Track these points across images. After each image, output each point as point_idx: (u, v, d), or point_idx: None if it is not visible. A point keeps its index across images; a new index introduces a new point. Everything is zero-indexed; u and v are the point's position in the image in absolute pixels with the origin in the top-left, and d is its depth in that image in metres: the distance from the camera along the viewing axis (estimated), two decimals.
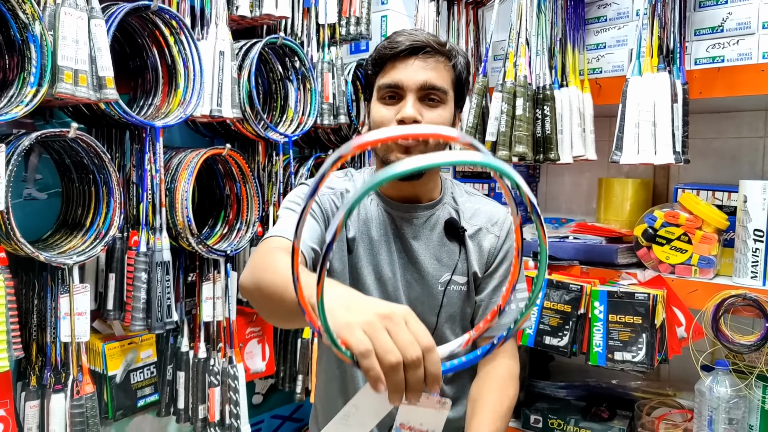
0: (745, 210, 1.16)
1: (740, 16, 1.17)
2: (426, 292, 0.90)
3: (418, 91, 0.83)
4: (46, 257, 1.02)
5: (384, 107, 0.84)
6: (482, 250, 0.92)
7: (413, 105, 0.82)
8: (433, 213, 0.92)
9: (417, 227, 0.90)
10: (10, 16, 0.99)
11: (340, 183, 0.92)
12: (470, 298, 0.94)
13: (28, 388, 1.10)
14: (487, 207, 0.96)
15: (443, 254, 0.91)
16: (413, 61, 0.83)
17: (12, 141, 1.03)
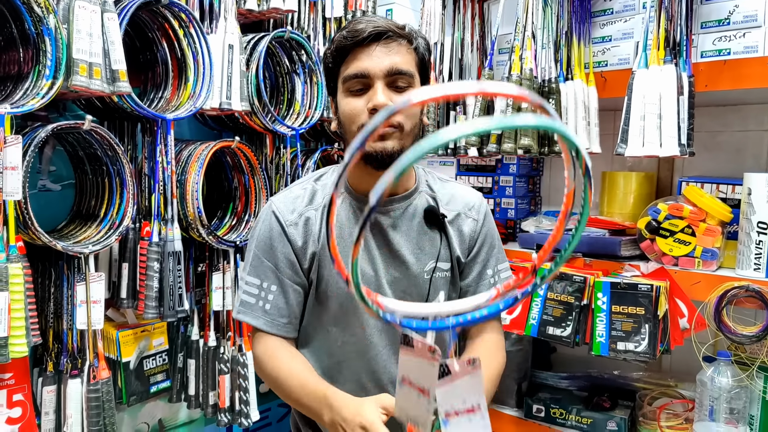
0: (749, 202, 1.17)
1: (747, 8, 1.17)
2: (412, 283, 0.90)
3: (385, 78, 0.80)
4: (63, 246, 1.04)
5: (353, 99, 0.82)
6: (463, 234, 0.93)
7: (384, 91, 0.80)
8: (410, 203, 0.90)
9: (396, 219, 0.89)
10: (24, 9, 1.01)
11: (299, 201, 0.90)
12: (455, 283, 0.94)
13: (45, 373, 1.13)
14: (461, 192, 0.96)
15: (425, 243, 0.90)
16: (375, 47, 0.80)
17: (28, 133, 1.05)
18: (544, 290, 1.32)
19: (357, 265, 0.47)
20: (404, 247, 0.89)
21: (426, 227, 0.90)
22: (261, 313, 0.88)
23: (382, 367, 0.91)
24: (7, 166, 0.95)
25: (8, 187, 0.95)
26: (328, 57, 0.86)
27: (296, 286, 0.89)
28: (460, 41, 1.41)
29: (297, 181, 0.96)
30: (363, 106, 0.81)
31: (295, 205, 0.89)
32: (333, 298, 0.89)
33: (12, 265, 0.96)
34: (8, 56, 1.09)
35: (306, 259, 0.88)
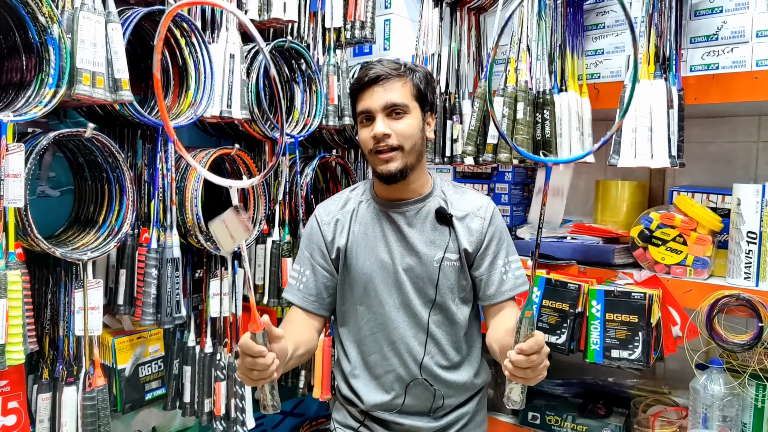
0: (738, 212, 1.20)
1: (735, 24, 1.21)
2: (424, 271, 1.07)
3: (383, 111, 1.02)
4: (62, 253, 1.05)
5: (364, 129, 1.06)
6: (471, 230, 1.09)
7: (382, 122, 1.02)
8: (424, 205, 1.10)
9: (410, 218, 1.09)
10: (29, 18, 1.02)
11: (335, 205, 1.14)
12: (464, 271, 1.09)
13: (40, 380, 1.13)
14: (472, 197, 1.14)
15: (436, 237, 1.08)
16: (375, 88, 1.03)
17: (29, 140, 1.06)
18: (540, 298, 1.33)
19: None
20: (417, 241, 1.08)
21: (438, 225, 1.08)
22: (296, 291, 1.12)
23: (399, 338, 1.08)
24: (8, 174, 0.96)
25: (10, 195, 0.96)
26: (350, 95, 1.11)
27: (324, 272, 1.11)
28: (457, 52, 1.44)
29: (338, 192, 1.21)
30: (369, 135, 1.04)
31: (330, 209, 1.14)
32: (359, 283, 1.09)
33: (11, 272, 0.97)
34: (11, 64, 1.09)
35: (333, 250, 1.11)
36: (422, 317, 1.07)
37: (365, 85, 1.03)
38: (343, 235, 1.10)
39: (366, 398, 1.10)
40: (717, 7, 1.23)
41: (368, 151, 1.05)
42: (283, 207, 1.44)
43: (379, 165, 1.03)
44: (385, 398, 1.10)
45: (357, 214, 1.11)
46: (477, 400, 1.17)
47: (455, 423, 1.13)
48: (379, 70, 1.03)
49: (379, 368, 1.10)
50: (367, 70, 1.04)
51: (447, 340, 1.09)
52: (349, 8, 1.51)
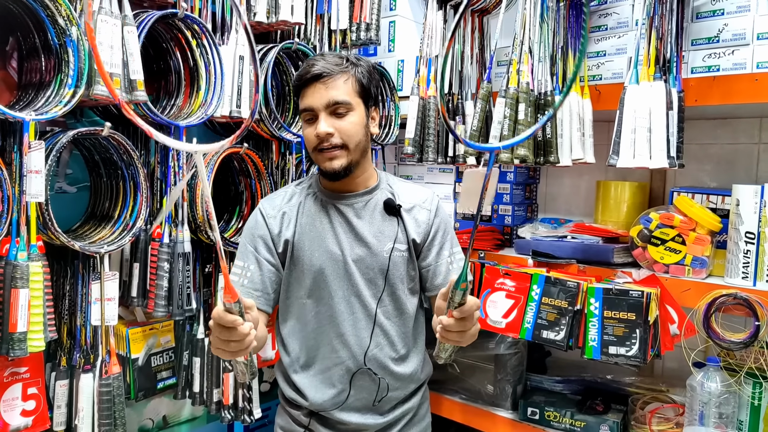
0: (737, 213, 1.22)
1: (736, 27, 1.22)
2: (374, 261, 1.10)
3: (326, 109, 1.02)
4: (80, 246, 1.10)
5: (307, 127, 1.06)
6: (419, 221, 1.13)
7: (325, 120, 1.03)
8: (371, 197, 1.12)
9: (358, 210, 1.11)
10: (48, 21, 1.07)
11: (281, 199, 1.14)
12: (413, 261, 1.13)
13: (58, 368, 1.18)
14: (417, 189, 1.17)
15: (385, 228, 1.11)
16: (317, 85, 1.02)
17: (49, 138, 1.11)
18: (539, 295, 1.36)
19: None
20: (367, 232, 1.10)
21: (386, 216, 1.11)
22: (240, 287, 1.09)
23: (348, 330, 1.10)
24: (31, 170, 1.01)
25: (32, 190, 1.01)
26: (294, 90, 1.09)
27: (270, 266, 1.10)
28: (461, 54, 1.47)
29: (283, 187, 1.21)
30: (313, 133, 1.04)
31: (276, 203, 1.13)
32: (307, 275, 1.09)
33: (33, 264, 1.02)
34: (30, 65, 1.15)
35: (280, 243, 1.10)
36: (371, 308, 1.09)
37: (307, 81, 1.02)
38: (290, 228, 1.10)
39: (312, 396, 1.10)
40: (719, 9, 1.25)
41: (311, 149, 1.06)
42: None
43: (323, 162, 1.05)
44: (330, 393, 1.10)
45: (304, 207, 1.12)
46: (420, 394, 1.20)
47: (401, 419, 1.16)
48: (321, 67, 1.02)
49: (327, 361, 1.10)
50: (309, 67, 1.03)
51: (396, 332, 1.12)
52: (354, 10, 1.54)
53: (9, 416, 1.09)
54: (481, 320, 1.45)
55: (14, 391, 1.10)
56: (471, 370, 1.59)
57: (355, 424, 1.11)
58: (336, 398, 1.10)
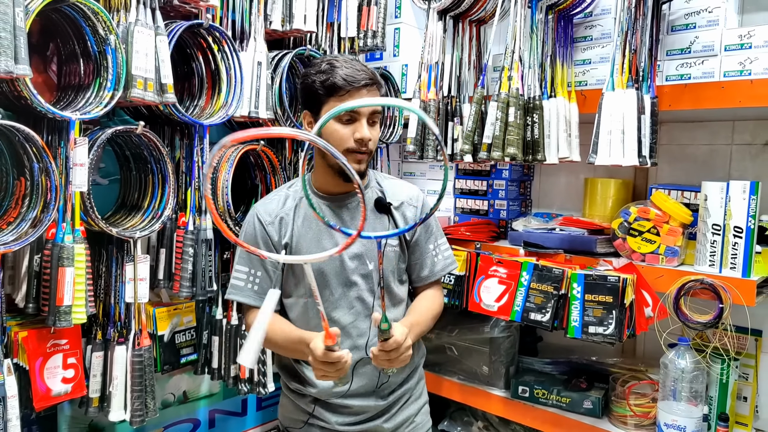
0: (705, 207, 1.35)
1: (705, 39, 1.36)
2: (368, 257, 1.17)
3: (368, 116, 1.10)
4: (117, 232, 1.23)
5: (342, 127, 1.10)
6: (407, 218, 1.20)
7: (366, 126, 1.10)
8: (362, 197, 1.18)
9: (352, 210, 1.17)
10: (89, 30, 1.20)
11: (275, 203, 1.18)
12: (403, 254, 1.22)
13: (94, 341, 1.31)
14: (404, 187, 1.25)
15: (377, 225, 1.17)
16: (364, 91, 1.09)
17: (89, 134, 1.24)
18: (528, 281, 1.49)
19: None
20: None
21: (377, 214, 1.18)
22: (251, 293, 1.16)
23: (348, 323, 1.17)
24: (76, 163, 1.14)
25: (77, 181, 1.14)
26: (318, 85, 1.10)
27: (276, 270, 1.17)
28: (459, 60, 1.60)
29: (274, 190, 1.25)
30: (350, 134, 1.10)
31: (271, 208, 1.18)
32: (323, 267, 1.15)
33: (77, 246, 1.15)
34: (69, 68, 1.27)
35: (281, 248, 1.16)
36: (369, 301, 1.16)
37: (356, 87, 1.08)
38: (287, 232, 1.15)
39: (320, 384, 1.16)
40: (691, 23, 1.38)
41: (343, 149, 1.09)
42: None
43: (353, 163, 1.10)
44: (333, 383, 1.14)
45: (299, 210, 1.16)
46: (417, 375, 1.29)
47: (400, 399, 1.24)
48: (367, 76, 1.09)
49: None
50: (356, 73, 1.09)
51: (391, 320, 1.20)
52: (362, 19, 1.67)
53: (51, 382, 1.22)
54: (476, 304, 1.58)
55: (56, 361, 1.23)
56: (468, 352, 1.72)
57: (358, 406, 1.18)
58: (340, 387, 1.13)
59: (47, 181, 1.12)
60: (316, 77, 1.11)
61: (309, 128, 1.16)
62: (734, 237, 1.30)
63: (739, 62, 1.31)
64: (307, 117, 1.16)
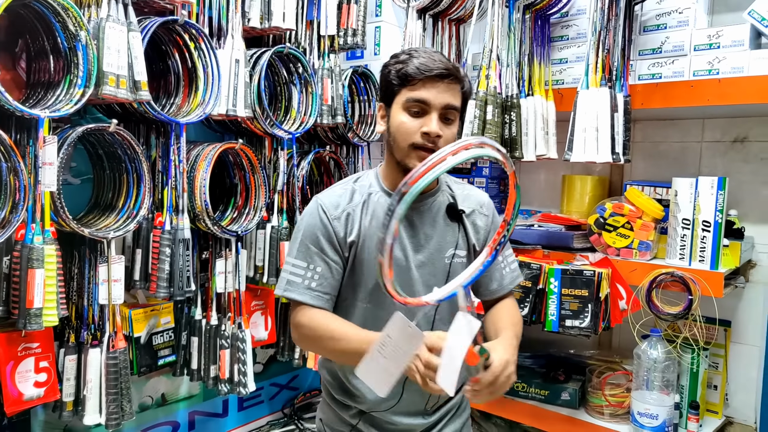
0: (676, 202, 1.39)
1: (676, 40, 1.40)
2: (435, 267, 1.06)
3: (440, 110, 0.98)
4: (89, 232, 1.20)
5: (410, 118, 0.99)
6: (477, 227, 1.11)
7: (436, 121, 0.98)
8: (435, 200, 1.08)
9: (423, 213, 1.06)
10: (59, 27, 1.17)
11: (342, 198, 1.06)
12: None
13: (67, 344, 1.28)
14: (473, 192, 1.16)
15: (447, 234, 1.07)
16: (440, 83, 0.97)
17: (59, 133, 1.21)
18: None
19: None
20: (430, 237, 1.06)
21: (448, 221, 1.08)
22: (306, 290, 1.03)
23: None
24: (45, 162, 1.11)
25: (46, 180, 1.11)
26: (393, 74, 1.01)
27: (338, 268, 1.05)
28: None
29: (338, 183, 1.13)
30: (417, 128, 0.98)
31: (338, 202, 1.05)
32: (370, 279, 1.05)
33: (47, 247, 1.12)
34: (38, 65, 1.24)
35: (346, 246, 1.04)
36: (430, 314, 1.06)
37: (431, 76, 0.97)
38: (354, 230, 1.04)
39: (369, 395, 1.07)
40: (662, 24, 1.42)
41: (408, 143, 0.99)
42: (281, 196, 1.60)
43: (413, 160, 0.98)
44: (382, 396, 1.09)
45: (367, 207, 1.05)
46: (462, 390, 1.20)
47: (445, 416, 1.15)
48: (447, 67, 0.98)
49: None
50: (435, 62, 0.98)
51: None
52: (342, 17, 1.67)
53: (23, 387, 1.19)
54: None
55: (27, 365, 1.20)
56: None
57: (404, 425, 1.10)
58: (389, 401, 1.07)
59: (15, 180, 1.09)
60: (392, 67, 1.01)
61: (382, 122, 1.06)
62: (703, 231, 1.35)
63: (707, 62, 1.36)
64: (381, 110, 1.06)
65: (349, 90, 1.74)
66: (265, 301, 1.66)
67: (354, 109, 1.80)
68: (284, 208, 1.60)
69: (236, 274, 1.51)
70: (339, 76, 1.65)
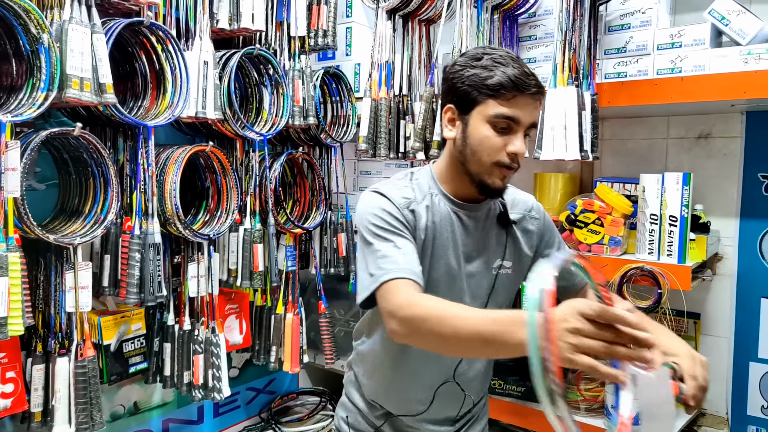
0: (644, 198, 1.42)
1: (639, 39, 1.43)
2: (482, 277, 1.01)
3: (527, 128, 0.93)
4: (54, 239, 1.18)
5: (495, 135, 0.91)
6: (529, 233, 1.06)
7: (522, 140, 0.92)
8: (489, 207, 1.03)
9: (478, 221, 1.01)
10: (21, 29, 1.15)
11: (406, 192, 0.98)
12: (517, 278, 1.06)
13: (34, 354, 1.25)
14: (519, 196, 1.09)
15: (497, 243, 1.02)
16: (531, 100, 0.91)
17: (22, 137, 1.18)
18: None
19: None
20: (481, 246, 1.01)
21: (499, 228, 1.03)
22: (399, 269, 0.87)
23: None
24: (7, 168, 1.08)
25: (9, 186, 1.09)
26: (476, 81, 0.91)
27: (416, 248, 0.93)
28: (410, 59, 1.62)
29: (392, 179, 1.03)
30: (503, 145, 0.91)
31: (403, 194, 0.97)
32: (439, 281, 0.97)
33: (11, 254, 1.09)
34: (0, 69, 1.21)
35: (417, 240, 0.95)
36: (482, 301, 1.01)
37: (524, 91, 0.89)
38: (420, 226, 0.96)
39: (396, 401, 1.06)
40: (626, 24, 1.45)
41: (493, 161, 0.92)
42: (254, 199, 1.59)
43: (494, 178, 0.93)
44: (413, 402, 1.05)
45: (432, 211, 0.97)
46: (485, 395, 1.19)
47: (468, 421, 1.14)
48: (538, 83, 0.92)
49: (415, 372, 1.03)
50: (525, 76, 0.90)
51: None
52: (312, 18, 1.66)
53: None
54: None
55: None
56: None
57: (429, 431, 1.08)
58: (418, 407, 1.05)
59: None
60: (474, 71, 0.92)
61: (450, 125, 0.97)
62: (670, 226, 1.38)
63: (670, 60, 1.39)
64: (451, 113, 0.97)
65: (321, 91, 1.74)
66: (239, 305, 1.65)
67: (326, 110, 1.80)
68: (257, 210, 1.59)
69: (209, 278, 1.50)
70: (310, 77, 1.65)
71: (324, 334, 1.75)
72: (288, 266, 1.67)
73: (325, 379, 2.09)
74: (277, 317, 1.67)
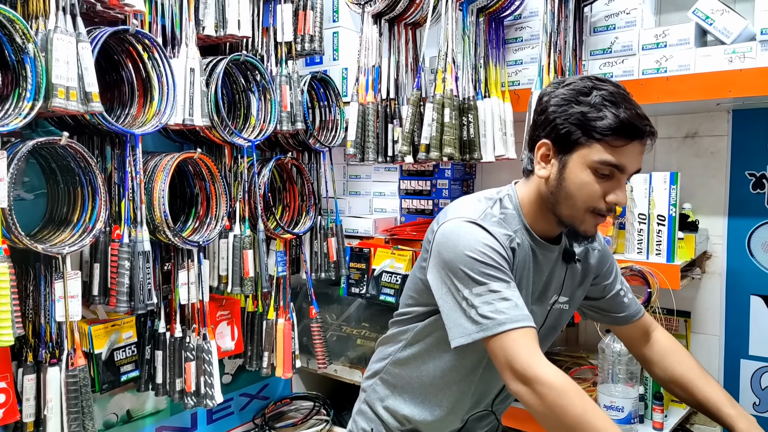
0: (632, 198, 1.43)
1: (624, 40, 1.44)
2: (539, 315, 0.96)
3: (630, 176, 0.86)
4: (43, 248, 1.18)
5: (596, 181, 0.83)
6: (590, 266, 1.02)
7: (624, 190, 0.85)
8: (564, 245, 0.97)
9: (552, 260, 0.95)
10: (6, 39, 1.15)
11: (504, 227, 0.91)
12: (569, 313, 1.04)
13: (25, 364, 1.25)
14: None
15: (557, 278, 0.97)
16: (640, 147, 0.84)
17: (9, 147, 1.18)
18: None
19: None
20: (548, 285, 0.97)
21: (561, 263, 0.98)
22: (523, 316, 0.82)
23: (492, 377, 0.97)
24: None
25: None
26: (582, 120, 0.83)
27: None
28: (396, 63, 1.62)
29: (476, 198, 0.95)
30: (602, 193, 0.84)
31: (503, 231, 0.89)
32: None
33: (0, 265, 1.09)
34: None
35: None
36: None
37: (635, 137, 0.82)
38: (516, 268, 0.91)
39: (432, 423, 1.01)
40: (611, 24, 1.46)
41: (588, 207, 0.85)
42: (243, 205, 1.59)
43: (588, 226, 0.87)
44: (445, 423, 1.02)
45: (519, 249, 0.90)
46: None
47: None
48: (650, 124, 0.84)
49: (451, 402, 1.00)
50: (639, 121, 0.82)
51: None
52: (299, 23, 1.67)
53: None
54: None
55: None
56: None
57: None
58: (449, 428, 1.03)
59: None
60: (580, 108, 0.83)
61: (543, 162, 0.88)
62: (658, 225, 1.39)
63: (655, 60, 1.40)
64: (546, 148, 0.88)
65: (309, 96, 1.74)
66: (230, 311, 1.65)
67: (314, 115, 1.80)
68: (246, 216, 1.59)
69: (199, 285, 1.50)
70: (297, 82, 1.65)
71: (316, 338, 1.75)
72: (278, 272, 1.67)
73: (319, 384, 2.09)
74: (269, 323, 1.67)
